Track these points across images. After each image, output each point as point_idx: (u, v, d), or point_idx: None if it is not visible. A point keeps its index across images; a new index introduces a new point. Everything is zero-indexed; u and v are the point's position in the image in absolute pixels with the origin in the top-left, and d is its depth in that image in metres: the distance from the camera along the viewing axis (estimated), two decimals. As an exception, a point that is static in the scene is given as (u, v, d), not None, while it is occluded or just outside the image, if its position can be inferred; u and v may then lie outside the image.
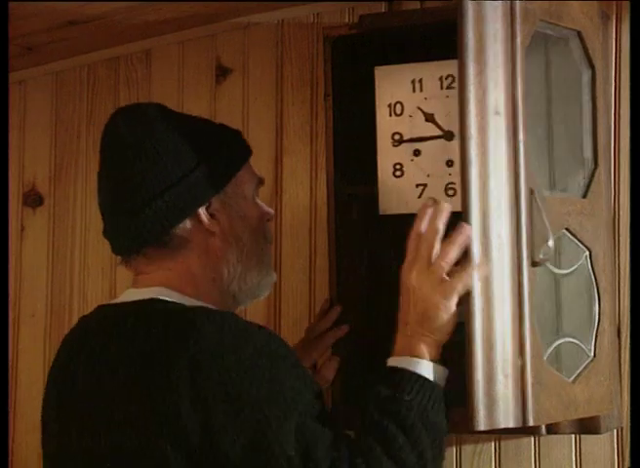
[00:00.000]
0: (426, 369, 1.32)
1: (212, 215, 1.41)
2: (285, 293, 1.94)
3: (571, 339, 1.52)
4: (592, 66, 1.59)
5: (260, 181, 1.52)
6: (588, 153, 1.59)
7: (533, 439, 1.76)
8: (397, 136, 1.72)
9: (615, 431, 1.71)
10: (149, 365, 1.27)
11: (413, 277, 1.34)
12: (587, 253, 1.54)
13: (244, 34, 2.01)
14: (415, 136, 1.71)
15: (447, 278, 1.33)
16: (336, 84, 1.75)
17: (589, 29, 1.57)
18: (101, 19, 1.92)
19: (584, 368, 1.51)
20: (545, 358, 1.42)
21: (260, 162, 1.96)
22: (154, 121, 1.41)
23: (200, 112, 1.99)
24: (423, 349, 1.33)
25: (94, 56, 2.12)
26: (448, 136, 1.69)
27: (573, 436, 1.72)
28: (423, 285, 1.33)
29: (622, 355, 1.71)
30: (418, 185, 1.71)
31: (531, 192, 1.39)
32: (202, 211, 1.41)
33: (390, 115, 1.72)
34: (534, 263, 1.39)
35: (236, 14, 1.98)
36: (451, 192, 1.69)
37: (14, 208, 2.18)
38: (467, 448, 1.80)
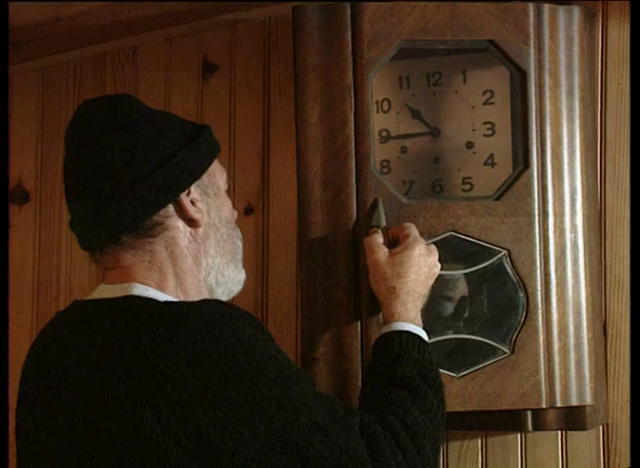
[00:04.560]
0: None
1: (192, 203, 1.41)
2: (272, 290, 1.93)
3: (463, 336, 1.65)
4: (520, 70, 1.61)
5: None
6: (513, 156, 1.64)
7: (519, 435, 1.76)
8: (384, 133, 1.72)
9: (600, 427, 1.72)
10: (140, 364, 1.26)
11: (421, 249, 1.53)
12: (505, 252, 1.59)
13: (231, 31, 2.00)
14: (402, 132, 1.72)
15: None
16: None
17: (509, 36, 1.61)
18: (88, 16, 1.92)
19: (488, 364, 1.59)
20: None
21: (246, 159, 1.97)
22: (130, 108, 1.41)
23: (187, 109, 2.01)
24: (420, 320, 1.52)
25: (80, 52, 2.11)
26: (434, 132, 1.70)
27: (559, 432, 1.73)
28: (429, 256, 1.54)
29: (609, 352, 1.72)
30: (405, 182, 1.71)
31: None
32: (184, 196, 1.40)
33: (377, 112, 1.72)
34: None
35: (223, 11, 1.98)
36: (437, 189, 1.69)
37: (-1, 205, 2.17)
38: (454, 445, 1.80)
